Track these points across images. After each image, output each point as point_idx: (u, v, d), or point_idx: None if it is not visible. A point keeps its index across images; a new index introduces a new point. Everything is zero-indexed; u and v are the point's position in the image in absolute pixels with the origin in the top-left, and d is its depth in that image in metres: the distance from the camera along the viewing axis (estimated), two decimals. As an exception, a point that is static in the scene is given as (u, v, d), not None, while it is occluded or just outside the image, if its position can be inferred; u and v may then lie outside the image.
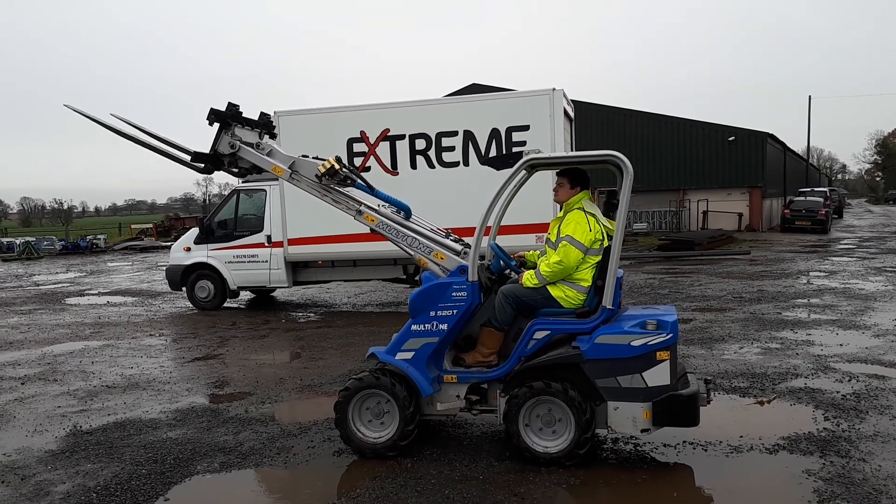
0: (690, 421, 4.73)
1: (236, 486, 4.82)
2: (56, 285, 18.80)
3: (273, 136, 5.97)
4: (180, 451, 5.41)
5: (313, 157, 5.49)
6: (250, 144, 5.65)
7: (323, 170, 5.23)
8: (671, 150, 30.99)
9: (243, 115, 5.72)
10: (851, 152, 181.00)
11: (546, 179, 7.93)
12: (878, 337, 8.56)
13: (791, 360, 7.57)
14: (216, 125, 5.61)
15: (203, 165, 5.79)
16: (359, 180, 5.45)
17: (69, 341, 10.32)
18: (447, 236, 5.54)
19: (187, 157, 5.86)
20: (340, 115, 12.05)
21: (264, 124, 5.88)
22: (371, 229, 5.41)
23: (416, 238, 5.29)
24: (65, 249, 32.95)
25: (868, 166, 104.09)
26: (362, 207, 5.38)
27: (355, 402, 5.13)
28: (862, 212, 54.31)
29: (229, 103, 5.65)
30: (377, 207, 5.48)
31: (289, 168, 5.48)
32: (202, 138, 5.95)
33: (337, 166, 5.23)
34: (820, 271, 15.68)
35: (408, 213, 5.55)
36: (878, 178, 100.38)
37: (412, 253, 5.30)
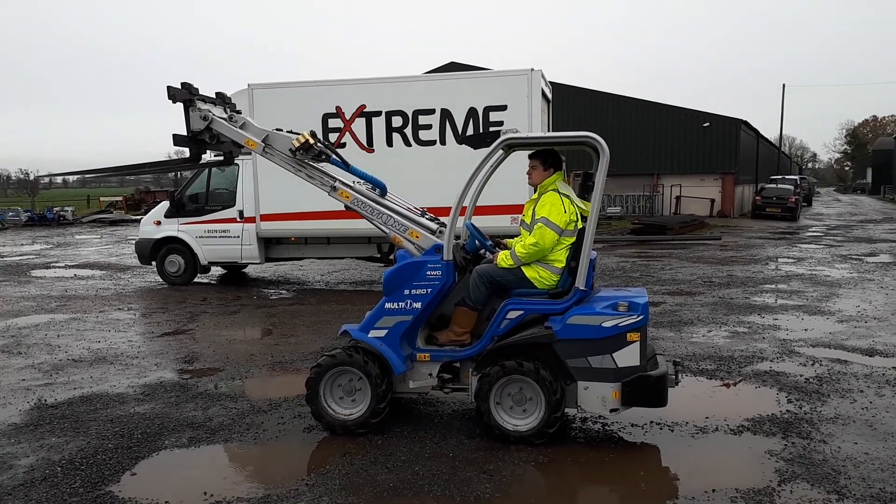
0: (658, 402, 4.80)
1: (205, 461, 4.78)
2: (21, 257, 18.39)
3: (236, 112, 5.92)
4: (148, 426, 5.36)
5: (288, 132, 5.43)
6: (223, 118, 5.60)
7: (297, 144, 5.17)
8: (646, 135, 31.17)
9: (200, 92, 5.68)
10: (822, 141, 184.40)
11: (523, 160, 7.90)
12: (841, 322, 8.76)
13: (757, 343, 7.72)
14: (185, 113, 5.59)
15: (189, 154, 5.76)
16: (333, 156, 5.39)
17: (34, 314, 10.12)
18: (423, 215, 5.52)
19: (174, 156, 5.87)
20: (316, 89, 11.89)
21: (223, 100, 5.86)
22: (346, 206, 5.36)
23: (391, 216, 5.25)
24: (31, 221, 32.17)
25: (838, 156, 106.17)
26: (337, 183, 5.33)
27: (327, 379, 5.11)
28: (830, 200, 55.36)
29: (183, 83, 5.63)
30: (352, 184, 5.43)
31: (262, 141, 5.41)
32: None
33: (311, 141, 5.17)
34: (788, 258, 15.97)
35: (383, 191, 5.51)
36: (847, 168, 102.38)
37: (387, 231, 5.26)
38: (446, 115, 11.35)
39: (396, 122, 11.53)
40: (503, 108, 11.12)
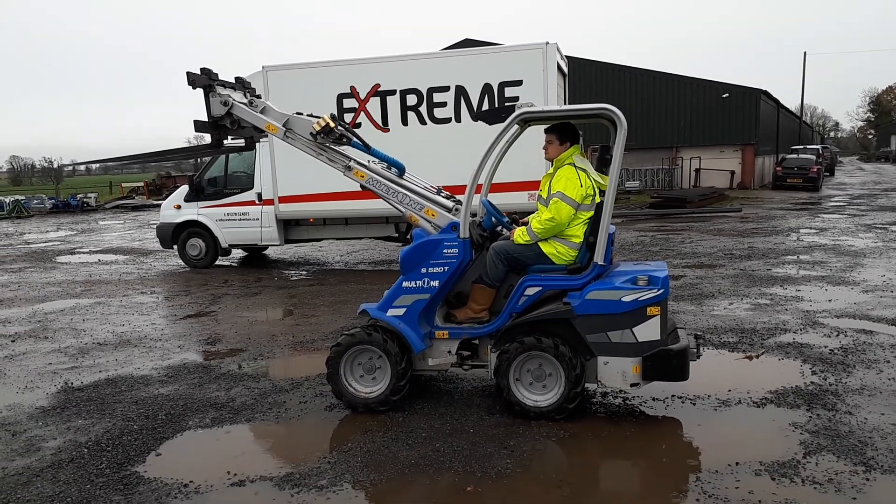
0: (680, 375, 4.76)
1: (228, 441, 4.84)
2: (46, 244, 18.67)
3: (256, 97, 5.89)
4: (172, 407, 5.43)
5: (308, 115, 5.41)
6: (243, 103, 5.58)
7: (318, 128, 5.16)
8: (664, 107, 30.71)
9: (220, 77, 5.68)
10: (845, 110, 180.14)
11: (539, 135, 7.83)
12: (866, 293, 8.62)
13: (780, 315, 7.62)
14: (205, 98, 5.58)
15: (210, 140, 5.77)
16: (354, 138, 5.37)
17: (60, 299, 10.28)
18: (438, 193, 5.49)
19: (193, 141, 5.88)
20: (330, 69, 11.83)
21: (242, 85, 5.84)
22: (361, 186, 5.35)
23: (406, 194, 5.23)
24: (55, 208, 32.64)
25: (861, 124, 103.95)
26: (352, 163, 5.30)
27: (347, 358, 5.14)
28: (853, 169, 54.33)
29: (202, 68, 5.60)
30: (367, 163, 5.41)
31: (283, 126, 5.39)
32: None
33: (332, 124, 5.16)
34: (810, 228, 15.73)
35: (401, 171, 5.47)
36: (870, 136, 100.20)
37: (403, 210, 5.24)
38: (461, 91, 11.26)
39: (411, 100, 11.46)
40: (518, 83, 11.00)
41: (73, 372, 6.50)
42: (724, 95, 30.26)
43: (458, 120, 11.32)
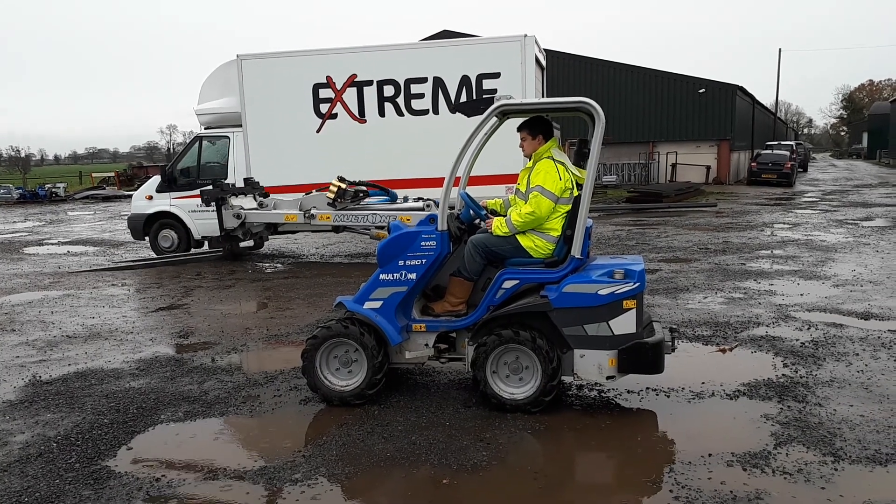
0: (655, 368, 4.80)
1: (201, 435, 4.78)
2: (13, 234, 18.27)
3: (265, 195, 5.91)
4: (143, 401, 5.34)
5: (316, 192, 5.55)
6: (253, 209, 5.64)
7: (332, 196, 5.25)
8: (641, 102, 30.90)
9: (231, 185, 5.85)
10: (818, 107, 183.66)
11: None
12: (837, 287, 8.76)
13: (753, 309, 7.72)
14: (218, 212, 5.70)
15: (222, 253, 5.83)
16: (371, 190, 5.47)
17: (27, 291, 10.06)
18: (405, 201, 5.62)
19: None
20: (306, 59, 11.71)
21: (252, 185, 5.95)
22: (333, 228, 5.51)
23: (376, 213, 5.37)
24: (22, 198, 31.90)
25: (834, 121, 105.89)
26: (313, 210, 5.41)
27: (323, 351, 5.10)
28: (826, 166, 55.25)
29: (213, 181, 5.76)
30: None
31: (300, 209, 5.53)
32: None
33: (343, 186, 5.26)
34: (784, 223, 15.96)
35: (393, 199, 5.56)
36: (843, 133, 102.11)
37: (372, 234, 5.39)
38: (439, 83, 11.21)
39: (388, 91, 11.37)
40: (496, 75, 10.98)
41: (42, 365, 6.36)
42: (701, 91, 30.54)
43: (435, 112, 11.27)
